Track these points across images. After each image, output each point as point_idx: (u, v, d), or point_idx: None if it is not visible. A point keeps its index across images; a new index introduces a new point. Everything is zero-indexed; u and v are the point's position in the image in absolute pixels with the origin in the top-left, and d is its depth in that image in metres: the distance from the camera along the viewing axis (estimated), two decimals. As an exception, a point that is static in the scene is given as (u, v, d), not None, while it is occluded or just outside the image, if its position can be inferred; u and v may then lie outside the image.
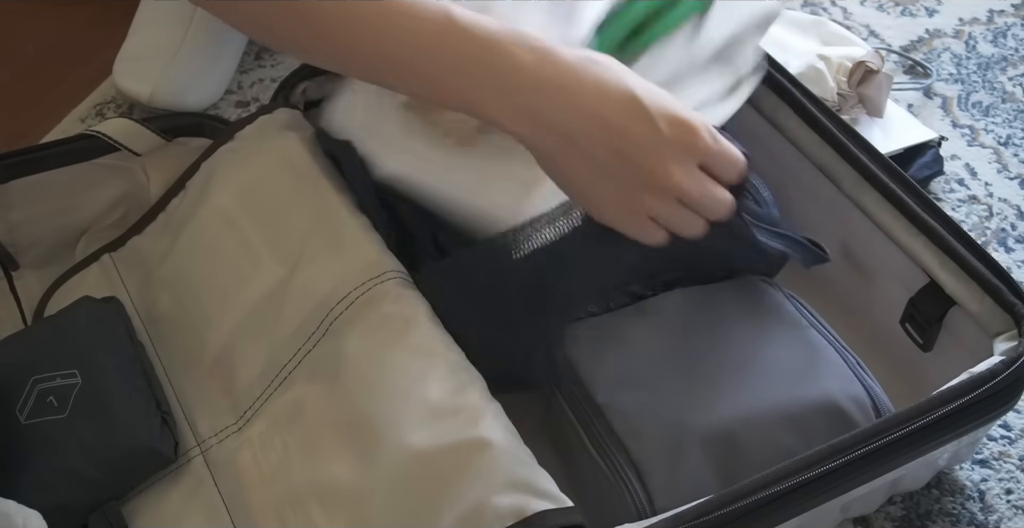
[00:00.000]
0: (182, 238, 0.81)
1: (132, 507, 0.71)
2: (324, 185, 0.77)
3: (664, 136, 0.59)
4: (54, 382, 0.72)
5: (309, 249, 0.74)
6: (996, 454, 0.85)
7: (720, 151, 0.61)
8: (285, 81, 0.88)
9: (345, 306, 0.71)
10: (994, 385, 0.70)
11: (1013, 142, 1.09)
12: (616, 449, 0.71)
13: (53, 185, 0.85)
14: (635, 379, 0.74)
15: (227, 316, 0.75)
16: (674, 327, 0.78)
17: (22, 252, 0.87)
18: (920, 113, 1.11)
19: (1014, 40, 1.20)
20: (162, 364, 0.78)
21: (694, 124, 0.60)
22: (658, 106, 0.59)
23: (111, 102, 1.09)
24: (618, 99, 0.59)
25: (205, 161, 0.84)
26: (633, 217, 0.62)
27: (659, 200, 0.61)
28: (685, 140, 0.60)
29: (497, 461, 0.62)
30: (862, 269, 0.87)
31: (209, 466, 0.72)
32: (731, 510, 0.63)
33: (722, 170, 0.62)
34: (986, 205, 1.03)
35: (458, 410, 0.65)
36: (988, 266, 0.76)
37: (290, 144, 0.81)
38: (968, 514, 0.81)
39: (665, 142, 0.59)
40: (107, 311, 0.78)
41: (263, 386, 0.72)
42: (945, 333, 0.80)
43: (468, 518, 0.60)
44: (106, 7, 1.16)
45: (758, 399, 0.73)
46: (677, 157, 0.60)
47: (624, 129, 0.59)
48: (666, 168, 0.59)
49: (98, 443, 0.70)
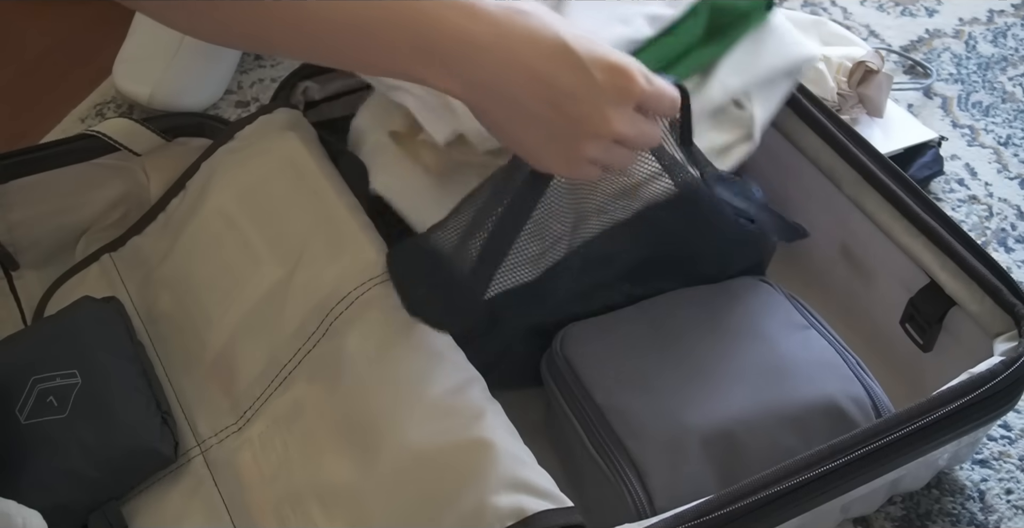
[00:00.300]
0: (182, 238, 0.81)
1: (132, 507, 0.71)
2: (324, 185, 0.77)
3: (598, 83, 0.58)
4: (54, 382, 0.72)
5: (309, 249, 0.74)
6: (996, 454, 0.85)
7: (654, 91, 0.60)
8: (285, 81, 0.88)
9: (345, 306, 0.71)
10: (994, 385, 0.70)
11: (1013, 142, 1.09)
12: (616, 449, 0.71)
13: (53, 185, 0.85)
14: (635, 379, 0.74)
15: (227, 316, 0.75)
16: (674, 327, 0.78)
17: (22, 252, 0.87)
18: (920, 113, 1.11)
19: (1014, 40, 1.20)
20: (162, 364, 0.78)
21: (628, 69, 0.59)
22: (590, 53, 0.58)
23: (111, 102, 1.09)
24: (548, 49, 0.58)
25: (205, 161, 0.84)
26: (572, 164, 0.62)
27: (597, 145, 0.60)
28: (620, 85, 0.59)
29: (497, 461, 0.62)
30: (862, 269, 0.87)
31: (209, 466, 0.72)
32: (731, 510, 0.63)
33: (658, 108, 0.62)
34: (986, 205, 1.03)
35: (458, 410, 0.65)
36: (988, 266, 0.76)
37: (290, 144, 0.81)
38: (968, 514, 0.81)
39: (599, 89, 0.58)
40: (107, 311, 0.78)
41: (263, 386, 0.72)
42: (945, 333, 0.80)
43: (468, 518, 0.60)
44: (106, 7, 1.16)
45: (758, 399, 0.73)
46: (612, 103, 0.59)
47: (557, 80, 0.58)
48: (603, 115, 0.59)
49: (98, 443, 0.70)
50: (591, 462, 0.73)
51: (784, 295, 0.82)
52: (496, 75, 0.58)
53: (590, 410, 0.74)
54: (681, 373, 0.75)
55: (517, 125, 0.60)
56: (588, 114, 0.59)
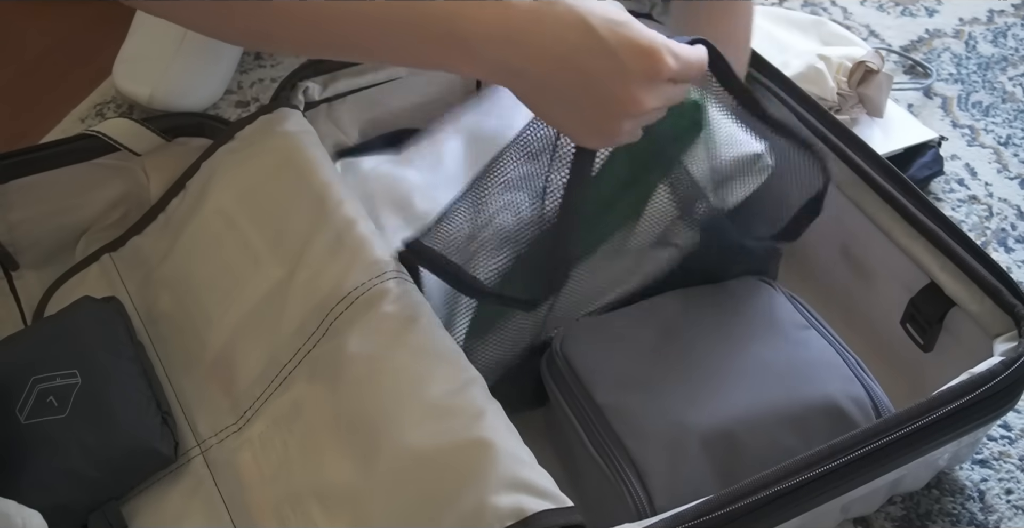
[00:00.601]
0: (182, 238, 0.81)
1: (132, 507, 0.71)
2: (324, 185, 0.77)
3: (627, 67, 0.60)
4: (54, 382, 0.72)
5: (309, 249, 0.74)
6: (996, 454, 0.85)
7: (682, 65, 0.62)
8: (285, 81, 0.88)
9: (345, 306, 0.71)
10: (994, 385, 0.70)
11: (1013, 142, 1.09)
12: (616, 449, 0.71)
13: (53, 185, 0.85)
14: (635, 379, 0.74)
15: (227, 316, 0.75)
16: (674, 327, 0.78)
17: (22, 252, 0.87)
18: (920, 113, 1.11)
19: (1014, 40, 1.20)
20: (162, 364, 0.78)
21: (655, 48, 0.60)
22: (617, 36, 0.60)
23: (111, 102, 1.09)
24: (577, 37, 0.60)
25: (205, 161, 0.84)
26: (611, 139, 0.65)
27: (632, 122, 0.63)
28: (648, 66, 0.60)
29: (497, 461, 0.62)
30: (862, 269, 0.87)
31: (209, 466, 0.72)
32: (731, 510, 0.63)
33: (688, 77, 0.64)
34: (986, 205, 1.03)
35: (458, 410, 0.65)
36: (988, 267, 0.76)
37: (291, 144, 0.81)
38: (968, 514, 0.81)
39: (629, 73, 0.60)
40: (107, 311, 0.78)
41: (263, 386, 0.72)
42: (945, 333, 0.81)
43: (468, 518, 0.60)
44: (106, 7, 1.17)
45: (758, 399, 0.73)
46: (643, 84, 0.61)
47: (587, 66, 0.60)
48: (634, 97, 0.61)
49: (98, 443, 0.70)
50: (591, 462, 0.73)
51: (784, 295, 0.82)
52: (528, 63, 0.60)
53: (590, 410, 0.74)
54: (681, 373, 0.75)
55: (554, 108, 0.63)
56: (619, 96, 0.61)
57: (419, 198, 0.85)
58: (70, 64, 1.14)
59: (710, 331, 0.78)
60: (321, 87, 0.90)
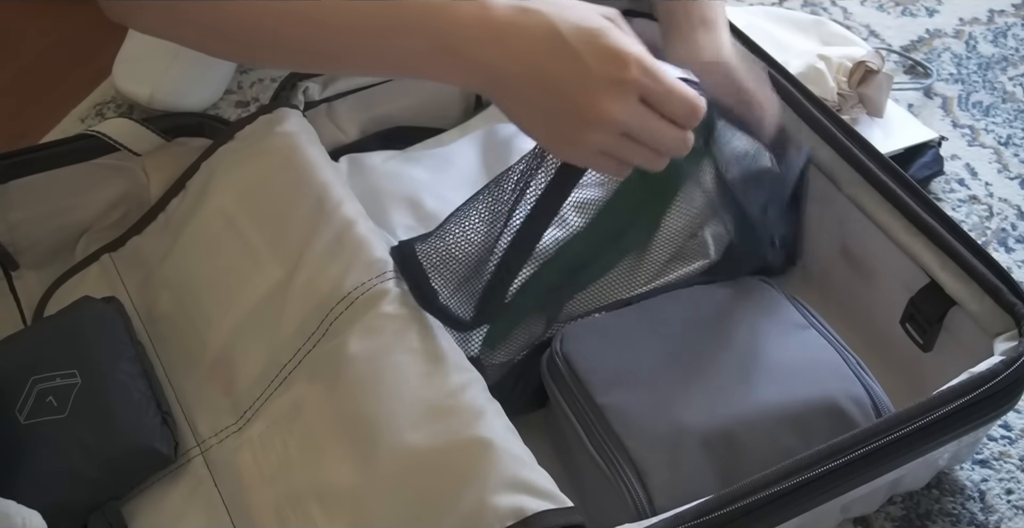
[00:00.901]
0: (182, 238, 0.81)
1: (132, 507, 0.71)
2: (323, 185, 0.77)
3: (591, 71, 0.59)
4: (54, 382, 0.72)
5: (309, 249, 0.74)
6: (996, 454, 0.85)
7: (660, 88, 0.60)
8: (285, 81, 0.88)
9: (345, 306, 0.71)
10: (994, 385, 0.70)
11: (1013, 142, 1.09)
12: (616, 449, 0.71)
13: (53, 185, 0.85)
14: (635, 379, 0.74)
15: (227, 316, 0.75)
16: (674, 327, 0.78)
17: (22, 252, 0.87)
18: (920, 113, 1.11)
19: (1014, 40, 1.20)
20: (162, 364, 0.78)
21: (622, 56, 0.59)
22: (586, 41, 0.59)
23: (111, 102, 1.09)
24: (543, 41, 0.59)
25: (205, 161, 0.84)
26: (584, 154, 0.63)
27: (603, 135, 0.61)
28: (612, 73, 0.59)
29: (497, 461, 0.62)
30: (862, 269, 0.87)
31: (209, 466, 0.72)
32: (731, 510, 0.63)
33: (669, 108, 0.61)
34: (986, 205, 1.03)
35: (458, 410, 0.65)
36: (988, 266, 0.76)
37: (290, 144, 0.81)
38: (968, 514, 0.81)
39: (592, 77, 0.59)
40: (107, 311, 0.78)
41: (263, 386, 0.72)
42: (945, 333, 0.80)
43: (468, 518, 0.60)
44: (106, 7, 1.16)
45: (758, 399, 0.73)
46: (607, 91, 0.59)
47: (550, 70, 0.59)
48: (596, 103, 0.59)
49: (98, 443, 0.70)
50: (591, 462, 0.73)
51: (784, 295, 0.82)
52: (507, 63, 0.60)
53: (590, 410, 0.74)
54: (681, 373, 0.75)
55: (527, 116, 0.62)
56: (581, 101, 0.59)
57: (428, 197, 0.85)
58: (70, 64, 1.14)
59: (710, 331, 0.78)
60: (321, 87, 0.90)
